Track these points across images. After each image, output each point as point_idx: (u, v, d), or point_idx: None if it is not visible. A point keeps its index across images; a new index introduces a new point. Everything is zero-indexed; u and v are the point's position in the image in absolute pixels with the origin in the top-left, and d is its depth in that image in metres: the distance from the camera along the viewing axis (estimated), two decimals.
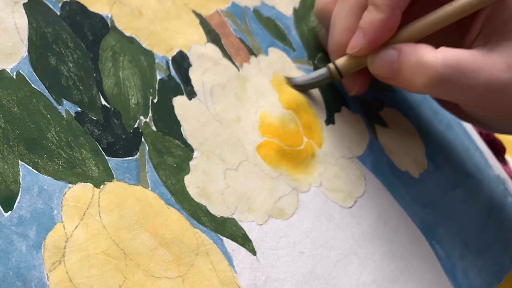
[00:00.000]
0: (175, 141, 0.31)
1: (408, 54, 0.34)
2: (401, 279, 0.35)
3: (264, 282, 0.30)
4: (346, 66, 0.36)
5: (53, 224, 0.26)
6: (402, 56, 0.34)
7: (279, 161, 0.34)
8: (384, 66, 0.35)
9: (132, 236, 0.28)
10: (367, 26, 0.34)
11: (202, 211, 0.30)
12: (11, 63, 0.28)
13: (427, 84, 0.33)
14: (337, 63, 0.37)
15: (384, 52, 0.35)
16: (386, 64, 0.34)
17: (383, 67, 0.35)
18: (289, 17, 0.41)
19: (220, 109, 0.34)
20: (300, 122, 0.36)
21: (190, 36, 0.35)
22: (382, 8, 0.34)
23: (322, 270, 0.32)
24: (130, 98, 0.31)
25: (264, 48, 0.38)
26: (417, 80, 0.33)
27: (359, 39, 0.35)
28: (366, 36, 0.34)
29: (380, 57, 0.35)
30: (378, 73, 0.35)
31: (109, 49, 0.32)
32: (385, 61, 0.34)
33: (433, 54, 0.33)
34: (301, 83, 0.37)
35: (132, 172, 0.29)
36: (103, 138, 0.29)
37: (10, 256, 0.25)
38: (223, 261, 0.30)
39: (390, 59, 0.34)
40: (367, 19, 0.34)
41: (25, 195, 0.26)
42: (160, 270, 0.28)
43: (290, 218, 0.33)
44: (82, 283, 0.26)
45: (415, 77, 0.33)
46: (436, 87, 0.33)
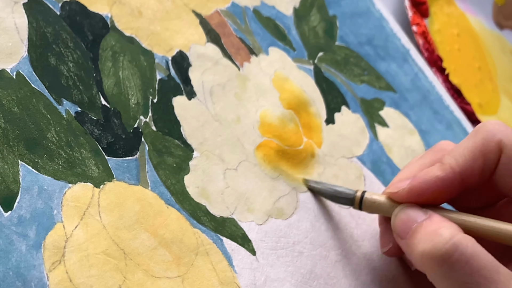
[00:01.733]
0: (175, 141, 0.31)
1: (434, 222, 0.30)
2: (400, 279, 0.35)
3: (263, 282, 0.30)
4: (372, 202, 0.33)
5: (53, 224, 0.26)
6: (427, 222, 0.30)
7: (278, 161, 0.34)
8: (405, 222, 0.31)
9: (132, 236, 0.28)
10: (420, 176, 0.31)
11: (202, 211, 0.30)
12: (11, 63, 0.28)
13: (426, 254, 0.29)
14: (366, 194, 0.33)
15: (414, 209, 0.31)
16: (408, 221, 0.31)
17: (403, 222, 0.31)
18: (289, 17, 0.41)
19: (220, 109, 0.34)
20: (300, 122, 0.36)
21: (190, 36, 0.35)
22: (444, 167, 0.31)
23: (321, 270, 0.32)
24: (130, 98, 0.31)
25: (264, 47, 0.38)
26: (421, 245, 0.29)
27: (404, 183, 0.32)
28: (412, 183, 0.31)
29: (406, 211, 0.31)
30: (396, 227, 0.31)
31: (109, 49, 0.32)
32: (409, 218, 0.31)
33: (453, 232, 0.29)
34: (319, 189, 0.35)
35: (132, 172, 0.29)
36: (103, 138, 0.29)
37: (10, 256, 0.25)
38: (223, 261, 0.30)
39: (414, 218, 0.31)
40: (425, 171, 0.32)
41: (25, 195, 0.26)
42: (160, 270, 0.28)
43: (289, 218, 0.33)
44: (82, 283, 0.26)
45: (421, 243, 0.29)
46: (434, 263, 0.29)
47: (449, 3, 0.54)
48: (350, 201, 0.33)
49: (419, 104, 0.44)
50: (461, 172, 0.31)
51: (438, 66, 0.48)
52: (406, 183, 0.31)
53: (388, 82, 0.43)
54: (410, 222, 0.31)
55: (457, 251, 0.28)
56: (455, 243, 0.28)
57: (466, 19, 0.55)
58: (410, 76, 0.44)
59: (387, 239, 0.34)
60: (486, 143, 0.31)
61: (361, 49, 0.43)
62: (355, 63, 0.42)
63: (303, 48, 0.40)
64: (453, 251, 0.28)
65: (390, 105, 0.42)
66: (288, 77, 0.38)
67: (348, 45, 0.43)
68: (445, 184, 0.31)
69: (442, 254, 0.28)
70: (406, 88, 0.44)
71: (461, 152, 0.31)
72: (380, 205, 0.33)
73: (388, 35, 0.45)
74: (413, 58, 0.45)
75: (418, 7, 0.50)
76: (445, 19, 0.53)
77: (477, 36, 0.55)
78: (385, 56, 0.44)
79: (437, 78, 0.47)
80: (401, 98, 0.43)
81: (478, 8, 0.58)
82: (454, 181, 0.31)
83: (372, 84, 0.42)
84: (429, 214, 0.31)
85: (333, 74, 0.40)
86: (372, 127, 0.40)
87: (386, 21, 0.46)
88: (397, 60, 0.44)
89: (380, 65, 0.43)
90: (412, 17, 0.49)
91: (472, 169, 0.31)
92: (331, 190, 0.34)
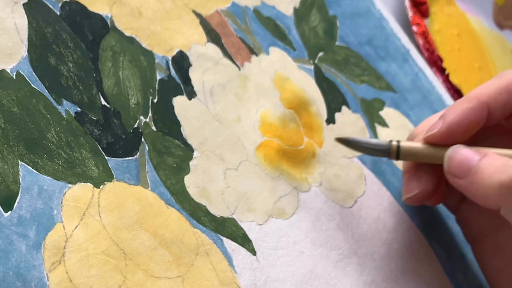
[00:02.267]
0: (175, 141, 0.31)
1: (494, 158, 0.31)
2: (401, 279, 0.35)
3: (264, 282, 0.30)
4: (409, 151, 0.34)
5: (53, 224, 0.26)
6: (487, 159, 0.31)
7: (279, 161, 0.34)
8: (463, 162, 0.31)
9: (132, 236, 0.28)
10: (449, 112, 0.33)
11: (202, 211, 0.30)
12: (11, 63, 0.28)
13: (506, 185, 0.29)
14: (402, 143, 0.34)
15: (466, 149, 0.32)
16: (465, 160, 0.31)
17: (460, 163, 0.31)
18: (289, 17, 0.41)
19: (220, 109, 0.34)
20: (300, 121, 0.36)
21: (190, 36, 0.35)
22: (470, 99, 0.32)
23: (322, 270, 0.32)
24: (130, 98, 0.31)
25: (265, 47, 0.38)
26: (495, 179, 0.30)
27: (438, 123, 0.33)
28: (446, 120, 0.32)
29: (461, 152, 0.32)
30: (452, 168, 0.32)
31: (109, 49, 0.32)
32: (466, 157, 0.31)
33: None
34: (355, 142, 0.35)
35: (132, 172, 0.29)
36: (103, 138, 0.29)
37: (10, 256, 0.25)
38: (223, 261, 0.30)
39: (471, 157, 0.31)
40: (453, 106, 0.33)
41: (25, 195, 0.26)
42: (160, 270, 0.28)
43: (290, 218, 0.33)
44: (82, 283, 0.26)
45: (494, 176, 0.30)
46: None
47: (449, 3, 0.54)
48: (387, 152, 0.34)
49: (419, 104, 0.43)
50: (487, 102, 0.32)
51: (438, 66, 0.48)
52: (439, 123, 0.33)
53: (388, 82, 0.43)
54: (469, 161, 0.31)
55: None
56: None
57: (466, 19, 0.55)
58: (410, 76, 0.44)
59: (413, 186, 0.34)
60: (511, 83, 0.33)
61: (361, 49, 0.43)
62: (355, 63, 0.42)
63: (303, 48, 0.40)
64: None
65: (390, 105, 0.42)
66: (289, 77, 0.38)
67: (348, 45, 0.43)
68: (475, 114, 0.32)
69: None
70: (406, 88, 0.43)
71: (485, 87, 0.33)
72: (419, 151, 0.34)
73: (388, 35, 0.45)
74: (413, 58, 0.45)
75: (418, 7, 0.50)
76: (445, 19, 0.52)
77: (477, 36, 0.55)
78: (385, 56, 0.44)
79: (437, 78, 0.47)
80: (401, 98, 0.43)
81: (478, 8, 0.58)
82: (481, 110, 0.32)
83: (372, 84, 0.42)
84: (483, 152, 0.31)
85: (333, 74, 0.40)
86: (372, 127, 0.40)
87: (386, 21, 0.46)
88: (397, 60, 0.44)
89: (380, 65, 0.43)
90: (412, 17, 0.49)
91: (497, 101, 0.33)
92: (366, 144, 0.35)
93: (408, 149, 0.34)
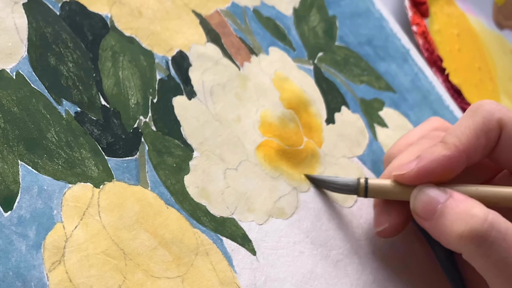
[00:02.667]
0: (175, 141, 0.31)
1: (457, 201, 0.31)
2: (401, 279, 0.35)
3: (264, 282, 0.30)
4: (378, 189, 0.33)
5: (52, 224, 0.26)
6: (451, 201, 0.31)
7: (279, 161, 0.34)
8: (428, 204, 0.31)
9: (131, 236, 0.28)
10: (424, 155, 0.32)
11: (201, 211, 0.30)
12: (11, 63, 0.28)
13: (465, 236, 0.29)
14: (370, 181, 0.34)
15: (433, 189, 0.32)
16: (430, 202, 0.31)
17: (425, 204, 0.32)
18: (289, 17, 0.41)
19: (220, 109, 0.34)
20: (300, 121, 0.36)
21: (190, 36, 0.35)
22: (448, 146, 0.32)
23: (322, 270, 0.32)
24: (130, 98, 0.31)
25: (264, 47, 0.38)
26: (456, 228, 0.30)
27: (411, 164, 0.32)
28: (419, 164, 0.32)
29: (426, 192, 0.32)
30: (418, 209, 0.32)
31: (108, 49, 0.32)
32: (431, 198, 0.31)
33: (485, 211, 0.30)
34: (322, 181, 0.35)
35: (131, 172, 0.29)
36: (103, 138, 0.29)
37: (10, 256, 0.25)
38: (223, 261, 0.30)
39: (436, 199, 0.31)
40: (429, 150, 0.32)
41: (24, 195, 0.26)
42: (160, 270, 0.28)
43: (290, 217, 0.33)
44: (82, 283, 0.26)
45: (455, 225, 0.30)
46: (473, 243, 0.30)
47: (449, 3, 0.54)
48: (354, 190, 0.34)
49: (419, 104, 0.44)
50: (465, 150, 0.32)
51: (438, 66, 0.48)
52: (412, 165, 0.32)
53: (387, 83, 0.43)
54: (433, 203, 0.31)
55: (493, 230, 0.29)
56: (491, 222, 0.29)
57: (466, 19, 0.55)
58: (410, 76, 0.44)
59: (383, 220, 0.34)
60: (487, 122, 0.32)
61: (360, 49, 0.43)
62: (355, 63, 0.42)
63: (303, 48, 0.40)
64: (490, 230, 0.29)
65: (389, 105, 0.42)
66: (288, 77, 0.38)
67: (347, 45, 0.43)
68: (452, 163, 0.32)
69: (482, 234, 0.29)
70: (406, 88, 0.43)
71: (462, 131, 0.32)
72: (387, 190, 0.33)
73: (388, 35, 0.45)
74: (413, 58, 0.45)
75: (418, 7, 0.50)
76: (445, 19, 0.52)
77: (477, 36, 0.55)
78: (385, 56, 0.44)
79: (437, 78, 0.47)
80: (401, 98, 0.43)
81: (478, 8, 0.58)
82: (459, 159, 0.32)
83: (371, 85, 0.42)
84: (449, 193, 0.31)
85: (333, 74, 0.40)
86: (371, 127, 0.40)
87: (386, 21, 0.46)
88: (397, 60, 0.44)
89: (380, 65, 0.43)
90: (412, 17, 0.49)
91: (475, 147, 0.32)
92: (333, 183, 0.34)
93: (376, 187, 0.33)
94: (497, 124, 0.33)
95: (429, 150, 0.32)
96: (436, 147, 0.32)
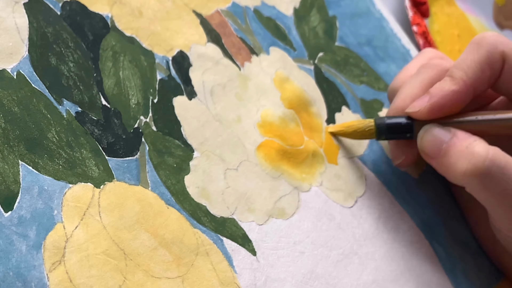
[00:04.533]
0: (175, 141, 0.31)
1: (460, 139, 0.33)
2: (401, 279, 0.35)
3: (264, 282, 0.30)
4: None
5: (53, 224, 0.26)
6: (454, 139, 0.33)
7: (279, 161, 0.34)
8: (433, 143, 0.34)
9: (132, 236, 0.28)
10: (435, 92, 0.34)
11: (202, 211, 0.30)
12: (12, 63, 0.28)
13: (468, 173, 0.32)
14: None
15: (437, 129, 0.34)
16: (435, 142, 0.34)
17: (431, 144, 0.34)
18: (289, 17, 0.41)
19: (220, 109, 0.34)
20: (301, 121, 0.36)
21: (191, 36, 0.35)
22: (456, 81, 0.34)
23: (322, 270, 0.32)
24: (131, 98, 0.31)
25: (265, 47, 0.38)
26: (460, 165, 0.33)
27: (423, 101, 0.34)
28: (431, 100, 0.34)
29: (432, 132, 0.34)
30: (425, 148, 0.34)
31: (109, 49, 0.32)
32: (436, 138, 0.34)
33: (485, 148, 0.32)
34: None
35: (132, 172, 0.29)
36: (104, 138, 0.29)
37: (10, 256, 0.25)
38: (223, 261, 0.30)
39: (441, 138, 0.34)
40: (438, 86, 0.34)
41: (25, 195, 0.26)
42: (160, 270, 0.28)
43: (290, 218, 0.33)
44: (82, 283, 0.26)
45: (459, 162, 0.33)
46: (476, 179, 0.32)
47: (449, 3, 0.54)
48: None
49: None
50: (472, 84, 0.34)
51: None
52: (424, 101, 0.34)
53: (387, 83, 0.43)
54: (438, 142, 0.34)
55: (494, 165, 0.32)
56: (491, 158, 0.32)
57: (467, 19, 0.55)
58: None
59: (399, 152, 0.37)
60: (490, 55, 0.34)
61: (360, 50, 0.43)
62: (355, 63, 0.42)
63: (304, 48, 0.40)
64: (491, 166, 0.32)
65: (388, 106, 0.42)
66: (289, 77, 0.38)
67: (347, 45, 0.43)
68: (460, 97, 0.34)
69: (483, 171, 0.32)
70: None
71: (468, 65, 0.34)
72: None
73: (388, 35, 0.45)
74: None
75: (418, 7, 0.50)
76: (445, 19, 0.52)
77: None
78: (384, 57, 0.44)
79: None
80: None
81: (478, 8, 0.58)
82: (467, 92, 0.34)
83: (371, 85, 0.42)
84: (453, 132, 0.34)
85: (333, 74, 0.40)
86: None
87: (387, 21, 0.46)
88: (397, 61, 0.44)
89: (380, 66, 0.43)
90: (413, 17, 0.49)
91: (481, 80, 0.34)
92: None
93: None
94: (500, 56, 0.34)
95: (439, 86, 0.34)
96: (444, 82, 0.34)
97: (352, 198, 0.36)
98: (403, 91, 0.36)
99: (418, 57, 0.40)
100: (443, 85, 0.34)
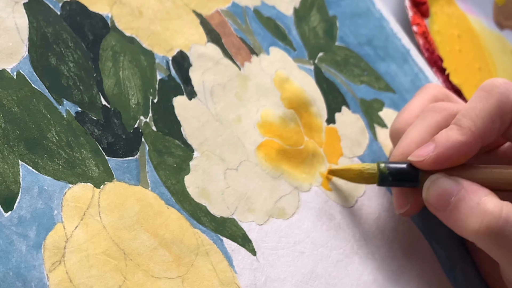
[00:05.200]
0: (175, 141, 0.31)
1: (470, 193, 0.31)
2: (401, 279, 0.35)
3: (264, 282, 0.30)
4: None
5: (53, 224, 0.26)
6: (463, 193, 0.31)
7: (280, 161, 0.34)
8: (441, 196, 0.32)
9: (132, 237, 0.28)
10: (441, 141, 0.32)
11: (202, 211, 0.30)
12: (12, 63, 0.28)
13: (481, 232, 0.30)
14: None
15: (445, 180, 0.32)
16: (443, 194, 0.32)
17: (438, 197, 0.32)
18: (289, 17, 0.41)
19: (220, 109, 0.34)
20: (301, 121, 0.36)
21: (191, 36, 0.35)
22: (464, 131, 0.32)
23: (322, 270, 0.32)
24: (130, 98, 0.31)
25: (265, 47, 0.38)
26: (471, 223, 0.30)
27: (428, 150, 0.32)
28: (437, 149, 0.32)
29: (439, 184, 0.32)
30: (431, 200, 0.32)
31: (109, 49, 0.32)
32: (444, 190, 0.32)
33: (498, 205, 0.30)
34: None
35: (132, 172, 0.29)
36: (103, 138, 0.29)
37: (10, 256, 0.25)
38: (223, 261, 0.30)
39: (449, 191, 0.32)
40: (444, 135, 0.32)
41: (25, 195, 0.26)
42: (160, 270, 0.28)
43: (290, 218, 0.33)
44: (82, 283, 0.26)
45: (471, 220, 0.30)
46: (488, 238, 0.30)
47: (449, 3, 0.54)
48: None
49: None
50: (481, 135, 0.32)
51: (438, 66, 0.48)
52: (429, 150, 0.32)
53: (387, 83, 0.43)
54: (446, 194, 0.32)
55: (508, 224, 0.30)
56: (505, 217, 0.30)
57: (467, 19, 0.55)
58: (410, 77, 0.44)
59: (404, 201, 0.35)
60: (502, 105, 0.32)
61: (361, 50, 0.43)
62: (355, 63, 0.42)
63: (304, 48, 0.40)
64: (505, 225, 0.30)
65: (389, 105, 0.42)
66: (289, 77, 0.38)
67: (348, 45, 0.42)
68: (468, 148, 0.32)
69: (497, 230, 0.30)
70: (406, 88, 0.43)
71: (477, 114, 0.32)
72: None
73: (388, 35, 0.45)
74: (413, 58, 0.45)
75: (418, 7, 0.50)
76: (445, 19, 0.52)
77: (477, 36, 0.55)
78: (385, 57, 0.44)
79: (438, 79, 0.47)
80: (401, 98, 0.43)
81: (478, 8, 0.58)
82: (475, 144, 0.32)
83: (371, 85, 0.42)
84: (461, 184, 0.32)
85: (333, 74, 0.40)
86: (371, 128, 0.40)
87: (387, 21, 0.46)
88: (397, 61, 0.44)
89: (380, 66, 0.43)
90: (413, 17, 0.49)
91: (490, 131, 0.32)
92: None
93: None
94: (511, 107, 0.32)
95: (445, 136, 0.32)
96: (451, 131, 0.32)
97: (352, 198, 0.36)
98: (408, 136, 0.34)
99: (421, 94, 0.38)
100: (450, 134, 0.32)
